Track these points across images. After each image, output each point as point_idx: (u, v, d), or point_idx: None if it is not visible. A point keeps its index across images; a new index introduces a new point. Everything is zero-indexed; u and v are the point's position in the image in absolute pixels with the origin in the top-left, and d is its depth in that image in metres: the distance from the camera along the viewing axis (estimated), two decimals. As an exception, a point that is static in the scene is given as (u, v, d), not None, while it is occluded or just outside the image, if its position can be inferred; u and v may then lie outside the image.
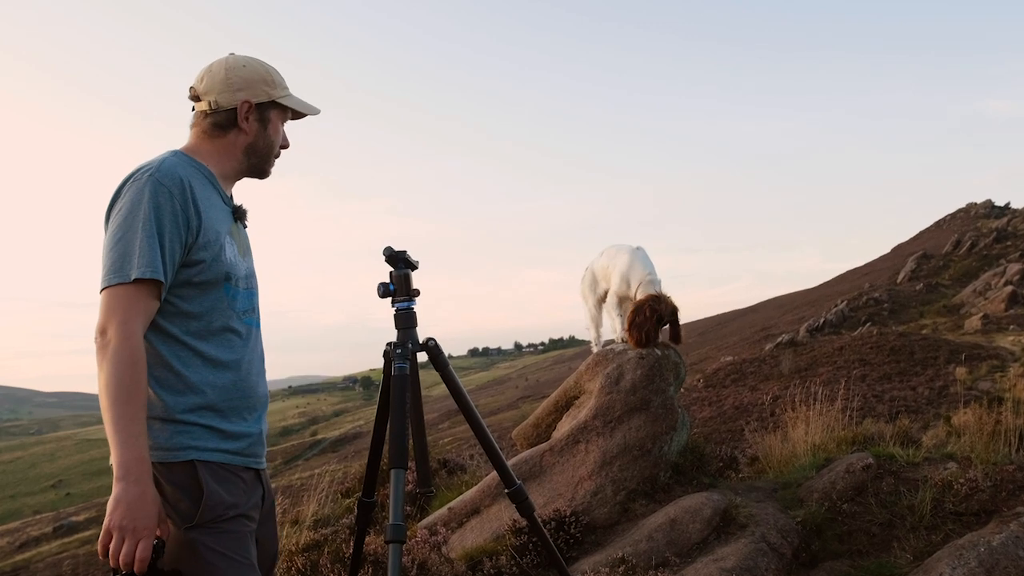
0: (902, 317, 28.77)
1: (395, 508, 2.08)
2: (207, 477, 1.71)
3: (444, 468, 6.22)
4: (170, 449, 1.70)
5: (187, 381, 1.73)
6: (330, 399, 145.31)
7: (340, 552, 4.00)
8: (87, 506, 46.89)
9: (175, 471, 1.69)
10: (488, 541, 3.97)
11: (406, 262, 2.28)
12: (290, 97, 1.93)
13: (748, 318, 54.04)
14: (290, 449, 60.71)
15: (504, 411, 41.21)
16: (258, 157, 1.92)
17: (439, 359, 2.34)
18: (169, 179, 1.71)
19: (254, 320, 1.91)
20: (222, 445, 1.76)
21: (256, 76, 1.87)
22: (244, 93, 1.86)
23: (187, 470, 1.70)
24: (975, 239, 39.35)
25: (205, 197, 1.78)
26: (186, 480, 1.69)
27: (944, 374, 17.43)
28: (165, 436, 1.70)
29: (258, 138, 1.90)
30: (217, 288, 1.78)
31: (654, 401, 4.15)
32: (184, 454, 1.70)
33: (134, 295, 1.64)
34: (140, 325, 1.64)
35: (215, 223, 1.79)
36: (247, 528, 1.78)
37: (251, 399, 1.84)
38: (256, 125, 1.88)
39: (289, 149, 2.00)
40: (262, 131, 1.90)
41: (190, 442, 1.71)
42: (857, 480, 4.02)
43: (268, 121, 1.90)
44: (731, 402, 18.20)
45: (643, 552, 3.52)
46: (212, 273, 1.76)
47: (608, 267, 4.48)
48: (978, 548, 3.07)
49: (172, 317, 1.74)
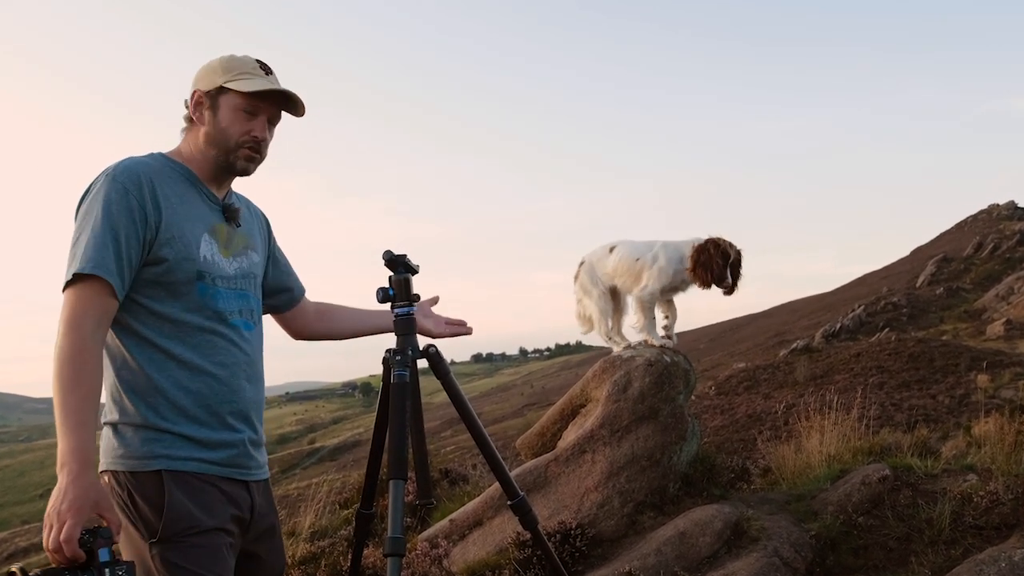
0: (921, 322, 28.69)
1: (394, 520, 2.08)
2: (173, 488, 1.69)
3: (446, 478, 6.23)
4: (140, 458, 1.70)
5: (159, 386, 1.72)
6: (329, 406, 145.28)
7: (338, 565, 4.02)
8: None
9: (143, 481, 1.69)
10: (491, 554, 3.98)
11: (406, 266, 2.29)
12: (238, 80, 1.86)
13: (761, 323, 53.94)
14: (287, 458, 60.70)
15: (509, 419, 41.17)
16: (217, 147, 1.88)
17: (440, 366, 2.34)
18: (125, 176, 1.73)
19: (246, 322, 1.89)
20: (197, 454, 1.74)
21: (213, 66, 1.89)
22: (200, 84, 1.89)
23: (154, 480, 1.69)
24: (997, 241, 39.21)
25: (175, 194, 1.80)
26: (152, 491, 1.68)
27: (965, 382, 17.37)
28: (136, 443, 1.70)
29: (211, 126, 1.88)
30: (189, 288, 1.78)
31: (663, 409, 4.15)
32: (154, 463, 1.70)
33: (81, 294, 1.66)
34: (89, 321, 1.65)
35: (181, 220, 1.79)
36: (223, 541, 1.75)
37: (236, 404, 1.82)
38: (207, 114, 1.88)
39: (287, 145, 2.01)
40: (212, 118, 1.88)
41: (161, 450, 1.71)
42: (873, 492, 4.01)
43: (218, 108, 1.88)
44: (744, 410, 18.16)
45: (651, 566, 3.52)
46: (181, 272, 1.76)
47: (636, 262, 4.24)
48: (999, 563, 3.06)
49: (144, 319, 1.74)
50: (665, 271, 4.17)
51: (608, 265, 4.37)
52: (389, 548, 2.06)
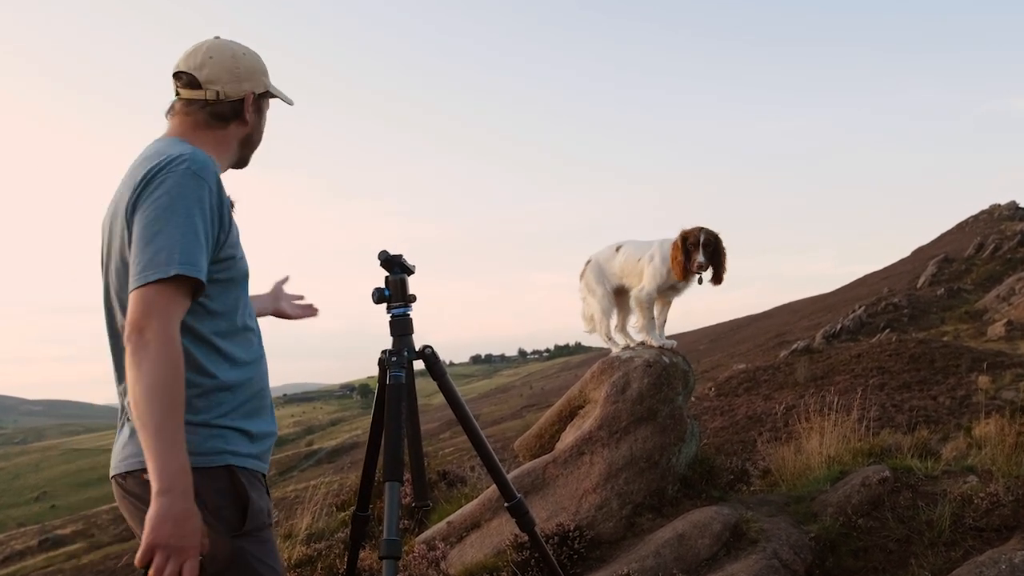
0: (922, 323, 28.71)
1: (390, 522, 2.08)
2: (244, 484, 1.70)
3: (443, 480, 6.22)
4: (206, 454, 1.67)
5: (218, 383, 1.72)
6: (326, 408, 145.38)
7: (334, 568, 4.01)
8: (73, 519, 46.93)
9: (214, 477, 1.67)
10: (489, 557, 3.97)
11: (402, 266, 2.29)
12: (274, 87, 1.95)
13: (762, 324, 53.97)
14: (285, 460, 60.70)
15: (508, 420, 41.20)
16: (250, 148, 1.93)
17: (436, 367, 2.34)
18: (206, 172, 1.68)
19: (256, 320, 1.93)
20: (251, 449, 1.76)
21: (258, 66, 1.88)
22: (249, 84, 1.86)
23: (226, 476, 1.68)
24: (999, 242, 39.23)
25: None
26: (226, 486, 1.68)
27: (966, 383, 17.37)
28: (199, 440, 1.66)
29: (255, 129, 1.91)
30: (237, 286, 1.79)
31: (662, 411, 4.15)
32: (220, 459, 1.69)
33: (173, 293, 1.58)
34: (178, 326, 1.59)
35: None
36: (274, 536, 1.81)
37: (268, 399, 1.86)
38: (255, 116, 1.89)
39: (288, 144, 2.02)
40: (258, 122, 1.91)
41: (225, 446, 1.70)
42: (873, 494, 4.01)
43: (263, 111, 1.92)
44: (743, 412, 18.16)
45: (649, 568, 3.51)
46: (237, 271, 1.77)
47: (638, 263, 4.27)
48: (999, 565, 3.06)
49: (200, 316, 1.71)
50: (660, 270, 4.17)
51: (616, 265, 4.39)
52: (385, 551, 2.06)
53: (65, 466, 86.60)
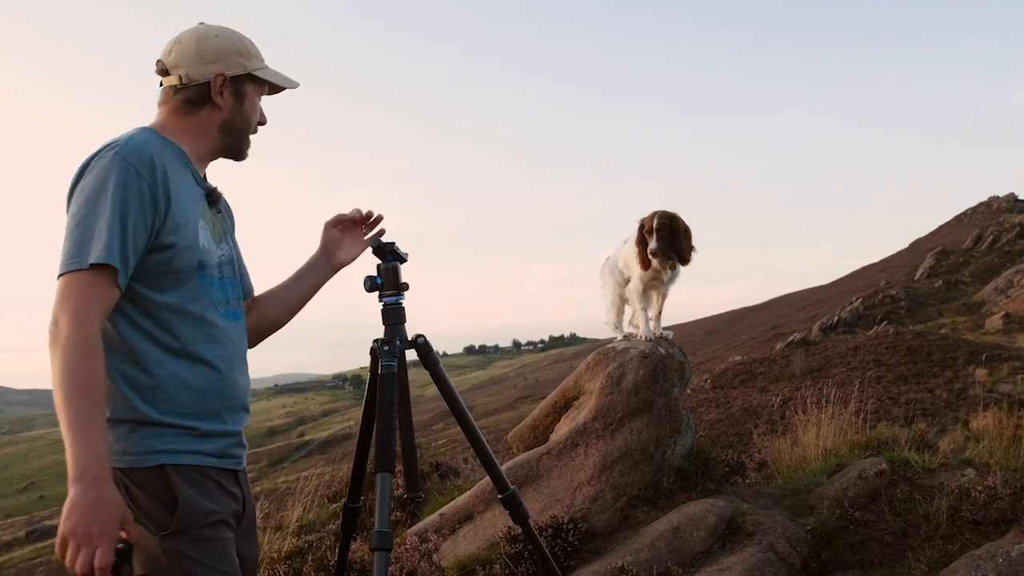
0: (920, 316, 28.82)
1: (381, 514, 2.06)
2: (180, 482, 1.66)
3: (436, 472, 6.23)
4: (139, 453, 1.65)
5: (159, 379, 1.68)
6: (318, 398, 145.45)
7: (325, 560, 4.00)
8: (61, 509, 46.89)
9: (145, 477, 1.65)
10: (481, 549, 3.97)
11: (394, 254, 2.26)
12: (266, 69, 1.88)
13: (758, 316, 54.11)
14: (276, 451, 60.65)
15: (502, 412, 41.26)
16: (234, 135, 1.87)
17: (429, 357, 2.32)
18: (136, 157, 1.65)
19: (233, 312, 1.85)
20: (196, 447, 1.71)
21: (230, 47, 1.82)
22: (217, 65, 1.80)
23: (158, 475, 1.65)
24: (997, 234, 39.38)
25: (176, 178, 1.72)
26: (157, 486, 1.65)
27: (963, 376, 17.47)
28: (134, 439, 1.65)
29: (234, 114, 1.85)
30: (191, 277, 1.73)
31: (657, 402, 4.15)
32: (154, 458, 1.66)
33: (89, 283, 1.57)
34: (97, 315, 1.57)
35: (186, 205, 1.73)
36: (227, 535, 1.74)
37: (231, 398, 1.79)
38: (231, 100, 1.83)
39: (278, 135, 1.99)
40: (238, 106, 1.85)
41: (161, 445, 1.67)
42: (870, 487, 4.02)
43: (244, 95, 1.85)
44: (739, 404, 18.23)
45: (644, 561, 3.52)
46: (184, 260, 1.71)
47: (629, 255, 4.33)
48: (996, 559, 3.07)
49: (145, 309, 1.68)
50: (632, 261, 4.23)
51: (621, 259, 4.44)
52: (376, 543, 2.04)
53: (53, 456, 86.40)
